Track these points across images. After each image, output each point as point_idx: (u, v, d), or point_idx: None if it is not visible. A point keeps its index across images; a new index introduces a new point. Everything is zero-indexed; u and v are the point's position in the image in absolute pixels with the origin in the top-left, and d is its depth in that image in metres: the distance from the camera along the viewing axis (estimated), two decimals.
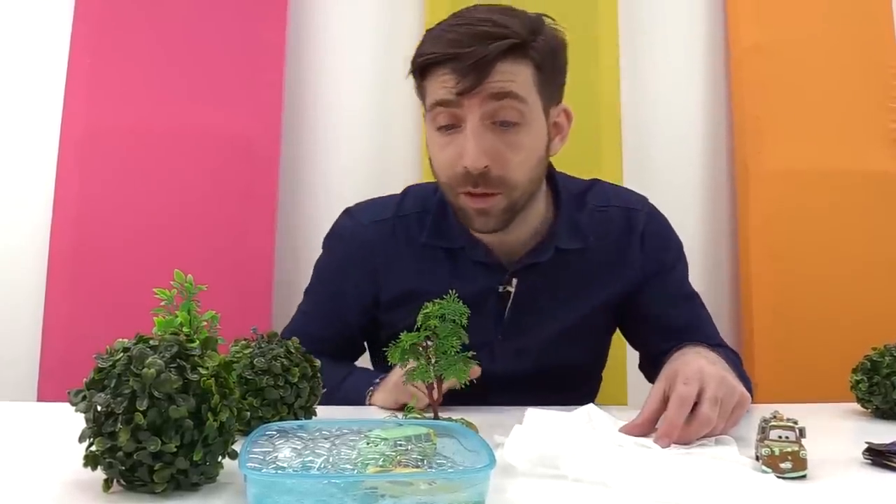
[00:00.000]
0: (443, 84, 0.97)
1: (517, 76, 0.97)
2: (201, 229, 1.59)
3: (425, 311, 0.82)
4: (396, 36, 1.74)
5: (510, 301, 1.12)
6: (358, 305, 1.17)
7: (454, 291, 0.83)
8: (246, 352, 0.84)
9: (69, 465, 0.67)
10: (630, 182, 1.67)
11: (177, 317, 0.71)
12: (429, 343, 0.80)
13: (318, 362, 0.87)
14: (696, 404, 0.83)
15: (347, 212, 1.21)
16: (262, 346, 0.85)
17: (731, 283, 1.81)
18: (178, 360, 0.63)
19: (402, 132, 1.73)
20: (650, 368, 1.22)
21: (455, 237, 1.11)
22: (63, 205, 1.56)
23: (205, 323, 0.72)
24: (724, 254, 1.81)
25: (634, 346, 1.28)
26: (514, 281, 1.11)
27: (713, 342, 1.14)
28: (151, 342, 0.64)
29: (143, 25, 1.62)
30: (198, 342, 0.66)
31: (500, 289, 1.12)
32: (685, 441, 0.81)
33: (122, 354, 0.63)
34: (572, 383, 1.20)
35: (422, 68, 1.01)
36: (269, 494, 0.56)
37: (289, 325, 1.22)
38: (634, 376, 1.54)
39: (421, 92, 1.05)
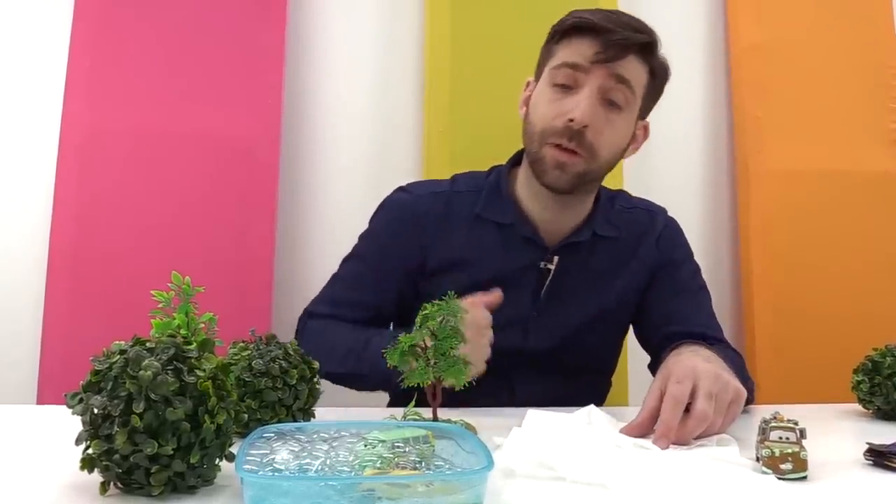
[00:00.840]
0: (579, 49, 1.10)
1: (636, 73, 1.12)
2: (201, 231, 1.59)
3: (424, 311, 0.82)
4: (396, 38, 1.74)
5: (549, 279, 1.19)
6: (403, 269, 1.21)
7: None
8: (244, 354, 0.84)
9: (67, 467, 0.66)
10: (630, 182, 1.67)
11: (174, 319, 0.71)
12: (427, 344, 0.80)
13: (316, 364, 0.87)
14: (692, 403, 0.83)
15: (401, 188, 1.27)
16: (261, 347, 0.85)
17: (732, 284, 1.80)
18: (174, 362, 0.63)
19: (401, 134, 1.72)
20: (655, 365, 1.23)
21: (507, 213, 1.19)
22: (63, 207, 1.56)
23: (202, 325, 0.72)
24: (724, 254, 1.81)
25: (642, 342, 1.30)
26: (556, 259, 1.18)
27: (710, 333, 1.18)
28: (148, 344, 0.64)
29: (143, 27, 1.62)
30: (195, 344, 0.66)
31: (542, 265, 1.18)
32: (684, 439, 0.81)
33: (118, 357, 0.62)
34: (588, 374, 1.27)
35: (566, 31, 1.12)
36: (266, 497, 0.56)
37: (321, 292, 1.25)
38: (635, 376, 1.54)
39: (547, 53, 1.16)
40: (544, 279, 1.19)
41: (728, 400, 0.86)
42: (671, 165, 1.78)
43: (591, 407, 0.87)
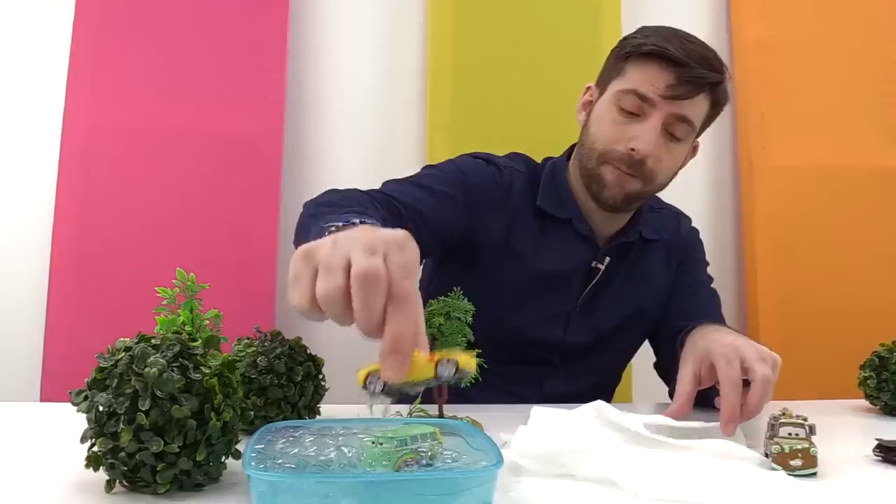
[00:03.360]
0: (651, 79, 1.08)
1: (700, 109, 1.12)
2: (204, 229, 1.58)
3: (430, 308, 0.81)
4: (398, 36, 1.73)
5: (597, 278, 1.19)
6: (452, 218, 1.13)
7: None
8: (249, 351, 0.83)
9: (71, 465, 0.66)
10: None
11: (179, 316, 0.70)
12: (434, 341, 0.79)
13: (322, 361, 0.87)
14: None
15: (478, 156, 1.22)
16: (266, 344, 0.84)
17: (737, 280, 1.80)
18: (180, 359, 0.62)
19: (404, 132, 1.72)
20: (661, 362, 1.26)
21: (566, 208, 1.19)
22: (65, 205, 1.55)
23: (207, 322, 0.71)
24: (729, 250, 1.81)
25: (651, 338, 1.30)
26: (607, 259, 1.19)
27: None
28: (153, 341, 0.63)
29: (145, 25, 1.62)
30: (200, 341, 0.65)
31: (593, 264, 1.19)
32: (756, 409, 0.82)
33: (123, 354, 0.62)
34: (611, 374, 1.31)
35: (641, 54, 1.09)
36: (273, 494, 0.55)
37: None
38: (638, 375, 1.54)
39: (616, 68, 1.13)
40: (591, 277, 1.19)
41: (777, 363, 0.87)
42: None
43: (599, 402, 0.86)
